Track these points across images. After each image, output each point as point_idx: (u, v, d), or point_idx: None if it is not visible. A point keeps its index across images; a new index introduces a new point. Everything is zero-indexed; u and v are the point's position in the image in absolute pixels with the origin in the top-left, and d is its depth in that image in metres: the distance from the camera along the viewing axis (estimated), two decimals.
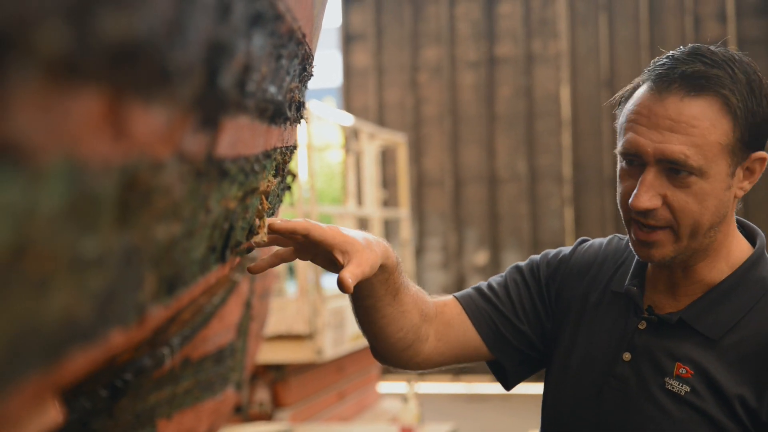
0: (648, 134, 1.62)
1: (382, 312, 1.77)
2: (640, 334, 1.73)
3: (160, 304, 0.93)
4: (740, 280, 1.70)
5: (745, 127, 1.62)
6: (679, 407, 1.65)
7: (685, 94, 1.61)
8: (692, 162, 1.59)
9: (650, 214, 1.63)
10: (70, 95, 0.56)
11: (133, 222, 0.74)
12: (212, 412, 3.30)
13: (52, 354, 0.65)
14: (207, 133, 0.89)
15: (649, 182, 1.62)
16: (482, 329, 1.91)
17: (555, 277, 1.92)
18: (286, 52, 1.28)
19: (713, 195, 1.62)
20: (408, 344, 1.83)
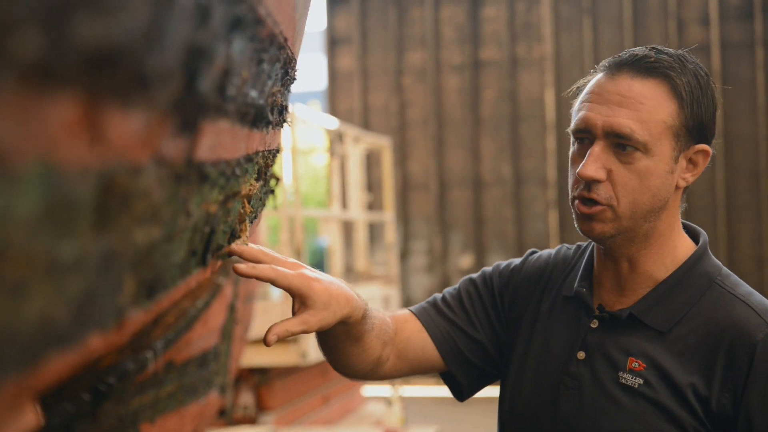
0: (598, 109, 1.69)
1: (343, 351, 1.82)
2: (592, 333, 1.77)
3: (140, 308, 0.92)
4: (685, 275, 1.75)
5: (690, 115, 1.69)
6: (633, 400, 1.69)
7: (635, 74, 1.69)
8: (638, 136, 1.66)
9: (593, 188, 1.69)
10: (45, 100, 0.56)
11: (111, 226, 0.74)
12: (196, 415, 3.29)
13: (28, 358, 0.65)
14: (186, 137, 0.89)
15: (597, 154, 1.68)
16: (441, 346, 1.95)
17: (508, 287, 1.96)
18: (267, 56, 1.28)
19: (656, 174, 1.68)
20: (368, 369, 1.88)
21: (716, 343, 1.66)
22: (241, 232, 1.55)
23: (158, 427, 2.83)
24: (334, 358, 1.85)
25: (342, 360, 1.84)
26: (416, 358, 1.94)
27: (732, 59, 11.77)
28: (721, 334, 1.67)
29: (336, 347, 1.81)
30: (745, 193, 11.78)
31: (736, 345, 1.65)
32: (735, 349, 1.65)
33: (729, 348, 1.65)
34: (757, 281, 11.36)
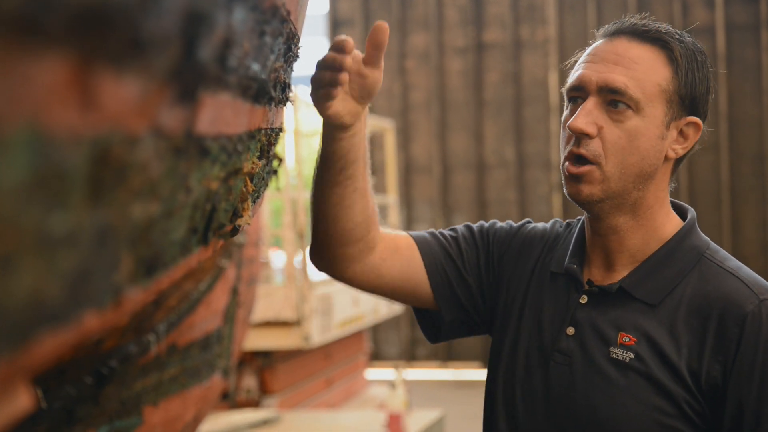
0: (593, 67, 1.72)
1: (355, 184, 1.78)
2: (582, 308, 1.77)
3: (139, 287, 0.89)
4: (674, 249, 1.75)
5: (685, 83, 1.71)
6: (624, 374, 1.69)
7: (633, 37, 1.73)
8: (631, 92, 1.67)
9: (583, 143, 1.70)
10: (32, 59, 0.53)
11: (106, 199, 0.71)
12: (199, 399, 3.28)
13: (19, 336, 0.62)
14: (185, 108, 0.85)
15: (589, 109, 1.69)
16: (431, 270, 1.92)
17: (503, 243, 1.96)
18: (269, 28, 1.25)
19: (645, 136, 1.69)
20: (357, 239, 1.83)
21: (706, 315, 1.67)
22: (244, 211, 1.52)
23: (161, 410, 2.81)
24: (341, 203, 1.80)
25: (346, 206, 1.79)
26: (400, 269, 1.90)
27: (737, 41, 11.72)
28: (711, 306, 1.67)
29: (352, 178, 1.77)
30: (750, 177, 11.74)
31: (726, 317, 1.66)
32: (725, 321, 1.65)
33: (719, 320, 1.66)
34: (762, 265, 11.34)
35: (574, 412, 1.72)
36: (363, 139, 1.76)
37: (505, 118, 12.59)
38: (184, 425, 3.20)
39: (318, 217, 1.84)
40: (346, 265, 1.87)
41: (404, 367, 8.34)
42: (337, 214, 1.80)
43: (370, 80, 1.70)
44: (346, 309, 7.59)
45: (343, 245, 1.84)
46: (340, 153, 1.74)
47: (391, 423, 5.94)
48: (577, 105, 1.73)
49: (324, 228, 1.84)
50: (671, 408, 1.66)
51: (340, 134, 1.72)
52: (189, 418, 3.21)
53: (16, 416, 0.70)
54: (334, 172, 1.76)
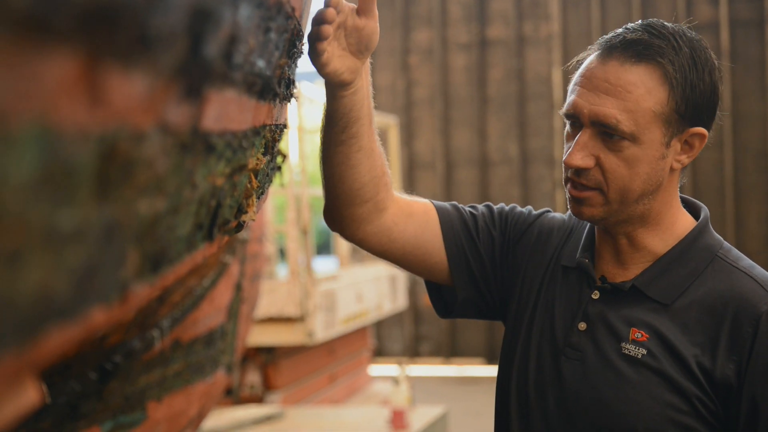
0: (586, 96, 1.68)
1: (359, 143, 1.77)
2: (593, 304, 1.77)
3: (145, 283, 0.90)
4: (688, 248, 1.75)
5: (682, 99, 1.67)
6: (636, 370, 1.69)
7: (625, 60, 1.67)
8: (623, 127, 1.65)
9: (582, 174, 1.69)
10: (41, 56, 0.53)
11: (113, 195, 0.71)
12: (203, 394, 3.29)
13: (27, 331, 0.62)
14: (191, 104, 0.86)
15: (583, 142, 1.68)
16: (450, 245, 1.91)
17: (520, 228, 1.94)
18: (274, 25, 1.25)
19: (645, 162, 1.67)
20: (366, 199, 1.82)
21: (720, 314, 1.67)
22: (248, 207, 1.53)
23: (165, 406, 2.82)
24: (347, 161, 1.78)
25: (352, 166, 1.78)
26: (414, 234, 1.89)
27: (741, 38, 11.70)
28: (724, 306, 1.67)
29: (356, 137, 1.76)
30: (754, 173, 11.73)
31: (740, 316, 1.65)
32: (739, 321, 1.65)
33: (733, 319, 1.65)
34: (765, 261, 11.32)
35: (585, 407, 1.72)
36: (366, 96, 1.75)
37: (508, 114, 12.58)
38: (188, 421, 3.21)
39: (326, 177, 1.83)
40: (356, 225, 1.86)
41: (407, 364, 8.35)
42: (342, 173, 1.79)
43: (366, 31, 1.69)
44: (349, 305, 7.60)
45: (351, 205, 1.82)
46: (342, 111, 1.73)
47: (395, 419, 5.95)
48: (575, 128, 1.71)
49: (332, 188, 1.83)
50: (684, 405, 1.65)
51: (341, 92, 1.71)
52: (193, 413, 3.22)
53: (23, 410, 0.71)
54: (338, 130, 1.75)
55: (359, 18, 1.68)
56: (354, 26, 1.67)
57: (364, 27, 1.68)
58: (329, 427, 6.03)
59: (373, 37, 1.69)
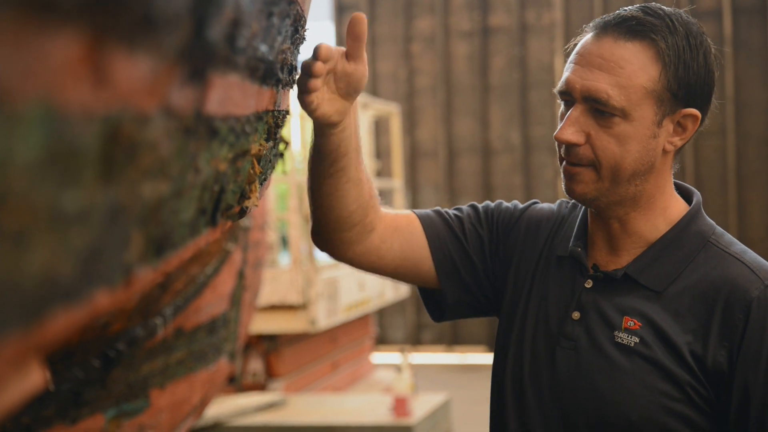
0: (579, 72, 1.70)
1: (347, 176, 1.77)
2: (587, 293, 1.77)
3: (148, 266, 0.90)
4: (680, 235, 1.75)
5: (675, 78, 1.67)
6: (629, 358, 1.69)
7: (619, 36, 1.68)
8: (614, 102, 1.65)
9: (573, 151, 1.70)
10: (46, 36, 0.53)
11: (117, 178, 0.71)
12: (205, 382, 3.30)
13: (32, 313, 0.62)
14: (195, 87, 0.86)
15: (575, 118, 1.69)
16: (436, 252, 1.92)
17: (508, 223, 1.95)
18: (277, 10, 1.25)
19: (636, 139, 1.67)
20: (354, 223, 1.84)
21: (712, 301, 1.67)
22: (251, 193, 1.52)
23: (168, 393, 2.83)
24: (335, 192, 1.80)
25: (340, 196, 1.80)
26: (401, 248, 1.91)
27: (744, 24, 11.67)
28: (716, 292, 1.67)
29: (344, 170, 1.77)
30: (756, 161, 11.72)
31: (732, 302, 1.65)
32: (730, 307, 1.65)
33: (724, 305, 1.66)
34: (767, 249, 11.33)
35: (580, 395, 1.72)
36: (353, 132, 1.76)
37: (510, 102, 12.57)
38: (191, 408, 3.22)
39: (314, 204, 1.85)
40: (345, 248, 1.88)
41: (410, 351, 8.34)
42: (331, 203, 1.81)
43: (356, 75, 1.68)
44: (352, 293, 7.61)
45: (340, 231, 1.85)
46: (331, 147, 1.74)
47: (397, 406, 5.95)
48: (568, 107, 1.72)
49: (320, 215, 1.85)
50: (676, 392, 1.66)
51: (330, 130, 1.71)
52: (196, 401, 3.23)
53: (28, 393, 0.71)
54: (326, 164, 1.76)
55: (348, 63, 1.67)
56: (344, 71, 1.67)
57: (354, 72, 1.68)
58: (332, 414, 6.05)
59: (362, 80, 1.69)
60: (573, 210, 1.93)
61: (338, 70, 1.66)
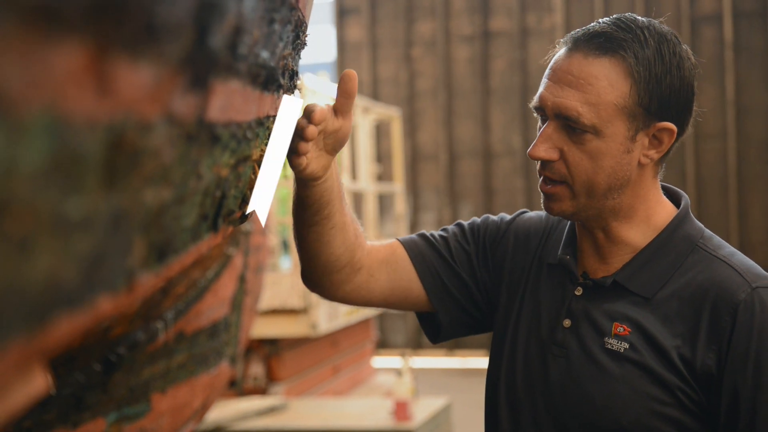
0: (551, 88, 1.70)
1: (332, 222, 1.79)
2: (577, 300, 1.78)
3: (151, 272, 0.90)
4: (667, 240, 1.75)
5: (646, 92, 1.67)
6: (619, 364, 1.70)
7: (588, 52, 1.68)
8: (584, 120, 1.65)
9: (548, 167, 1.70)
10: (51, 45, 0.53)
11: (120, 185, 0.72)
12: (207, 386, 3.30)
13: (36, 318, 0.63)
14: (197, 95, 0.86)
15: (548, 134, 1.69)
16: (424, 275, 1.94)
17: (495, 236, 1.96)
18: (278, 16, 1.26)
19: (609, 155, 1.67)
20: (342, 266, 1.86)
21: (699, 304, 1.67)
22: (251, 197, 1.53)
23: (169, 397, 2.83)
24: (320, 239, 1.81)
25: (326, 242, 1.82)
26: (389, 279, 1.92)
27: (744, 29, 11.67)
28: (704, 295, 1.68)
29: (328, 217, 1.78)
30: (757, 164, 11.71)
31: (719, 306, 1.66)
32: (718, 310, 1.66)
33: (712, 309, 1.66)
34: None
35: (571, 402, 1.73)
36: (335, 180, 1.77)
37: (511, 106, 12.57)
38: (192, 412, 3.22)
39: (301, 251, 1.87)
40: (336, 288, 1.90)
41: (411, 355, 8.34)
42: (318, 249, 1.83)
43: (342, 131, 1.70)
44: None
45: (329, 274, 1.87)
46: (314, 198, 1.75)
47: (398, 410, 5.95)
48: (544, 122, 1.72)
49: (308, 261, 1.87)
50: (667, 397, 1.67)
51: (312, 183, 1.73)
52: (197, 405, 3.23)
53: (32, 397, 0.71)
54: (310, 214, 1.78)
55: (336, 119, 1.69)
56: (332, 128, 1.68)
57: (341, 128, 1.69)
58: (332, 418, 6.04)
59: (347, 136, 1.71)
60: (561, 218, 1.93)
61: (327, 128, 1.68)
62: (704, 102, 11.48)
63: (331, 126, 1.67)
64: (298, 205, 1.79)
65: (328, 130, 1.68)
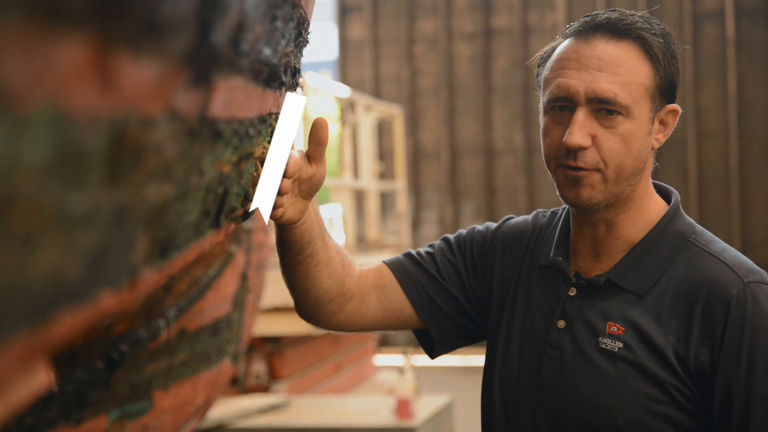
0: (578, 75, 1.69)
1: (316, 259, 1.80)
2: (571, 301, 1.78)
3: (153, 268, 0.90)
4: (660, 236, 1.76)
5: (664, 75, 1.70)
6: (613, 364, 1.70)
7: (610, 37, 1.70)
8: (621, 100, 1.66)
9: (580, 155, 1.69)
10: (54, 41, 0.53)
11: (123, 180, 0.72)
12: (209, 383, 3.30)
13: (39, 314, 0.63)
14: (199, 91, 0.86)
15: (581, 121, 1.68)
16: (411, 293, 1.94)
17: (482, 245, 1.97)
18: (281, 13, 1.26)
19: (637, 137, 1.69)
20: (332, 298, 1.87)
21: (692, 301, 1.67)
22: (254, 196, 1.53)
23: (171, 395, 2.83)
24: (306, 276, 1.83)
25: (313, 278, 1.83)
26: (380, 302, 1.94)
27: (746, 26, 11.67)
28: (696, 292, 1.68)
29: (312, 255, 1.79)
30: (759, 162, 11.70)
31: (711, 301, 1.66)
32: (710, 306, 1.66)
33: (704, 305, 1.66)
34: None
35: (567, 402, 1.74)
36: (315, 219, 1.77)
37: (513, 103, 12.57)
38: (194, 409, 3.22)
39: (290, 287, 1.88)
40: (328, 319, 1.92)
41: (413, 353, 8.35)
42: (306, 286, 1.84)
43: (317, 177, 1.70)
44: None
45: (320, 306, 1.88)
46: (294, 239, 1.76)
47: (400, 408, 5.95)
48: (563, 114, 1.71)
49: (298, 297, 1.89)
50: (661, 395, 1.67)
51: (291, 226, 1.73)
52: (199, 402, 3.23)
53: (35, 393, 0.71)
54: (293, 254, 1.79)
55: (310, 166, 1.69)
56: (307, 175, 1.68)
57: (315, 174, 1.70)
58: (334, 416, 6.05)
59: (321, 181, 1.72)
60: (552, 219, 1.94)
61: (302, 176, 1.67)
62: (706, 99, 11.49)
63: (305, 173, 1.67)
64: (280, 246, 1.80)
65: (303, 178, 1.67)
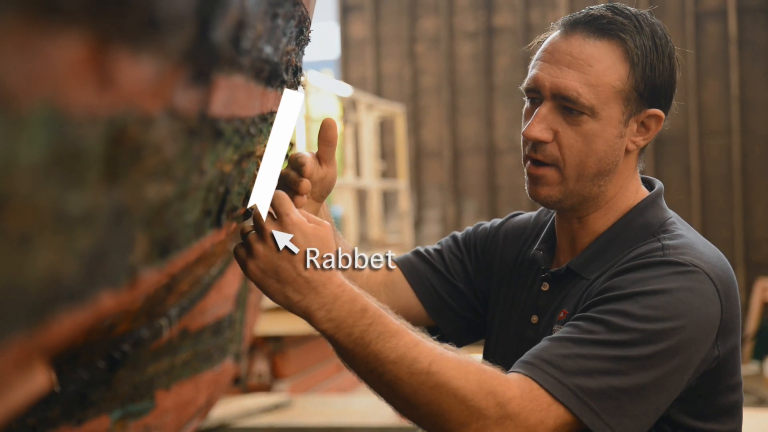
0: (548, 69, 1.69)
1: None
2: (544, 295, 1.79)
3: (153, 268, 0.90)
4: (625, 226, 1.74)
5: (642, 77, 1.68)
6: None
7: (588, 34, 1.68)
8: (583, 100, 1.65)
9: (540, 148, 1.69)
10: (51, 38, 0.53)
11: (122, 180, 0.71)
12: (211, 383, 3.30)
13: (36, 314, 0.62)
14: (199, 89, 0.86)
15: (543, 115, 1.68)
16: (420, 290, 1.95)
17: (486, 240, 1.97)
18: (282, 11, 1.25)
19: (603, 138, 1.67)
20: None
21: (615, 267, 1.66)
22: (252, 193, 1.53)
23: (173, 394, 2.83)
24: None
25: None
26: (388, 300, 1.93)
27: (748, 24, 11.65)
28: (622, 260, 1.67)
29: None
30: (762, 160, 11.68)
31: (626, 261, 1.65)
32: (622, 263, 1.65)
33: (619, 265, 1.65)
34: None
35: None
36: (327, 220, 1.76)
37: (515, 102, 12.55)
38: (197, 409, 3.22)
39: None
40: None
41: None
42: None
43: (328, 179, 1.70)
44: None
45: None
46: None
47: None
48: (535, 104, 1.71)
49: None
50: None
51: None
52: (201, 402, 3.23)
53: (33, 395, 0.71)
54: None
55: (321, 168, 1.68)
56: (319, 177, 1.68)
57: (326, 175, 1.69)
58: (337, 415, 6.04)
59: (333, 183, 1.72)
60: (548, 215, 1.93)
61: (314, 178, 1.67)
62: (708, 98, 11.48)
63: (317, 175, 1.67)
64: None
65: (315, 179, 1.67)
